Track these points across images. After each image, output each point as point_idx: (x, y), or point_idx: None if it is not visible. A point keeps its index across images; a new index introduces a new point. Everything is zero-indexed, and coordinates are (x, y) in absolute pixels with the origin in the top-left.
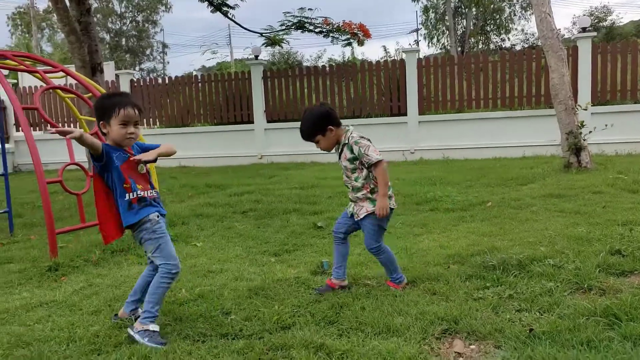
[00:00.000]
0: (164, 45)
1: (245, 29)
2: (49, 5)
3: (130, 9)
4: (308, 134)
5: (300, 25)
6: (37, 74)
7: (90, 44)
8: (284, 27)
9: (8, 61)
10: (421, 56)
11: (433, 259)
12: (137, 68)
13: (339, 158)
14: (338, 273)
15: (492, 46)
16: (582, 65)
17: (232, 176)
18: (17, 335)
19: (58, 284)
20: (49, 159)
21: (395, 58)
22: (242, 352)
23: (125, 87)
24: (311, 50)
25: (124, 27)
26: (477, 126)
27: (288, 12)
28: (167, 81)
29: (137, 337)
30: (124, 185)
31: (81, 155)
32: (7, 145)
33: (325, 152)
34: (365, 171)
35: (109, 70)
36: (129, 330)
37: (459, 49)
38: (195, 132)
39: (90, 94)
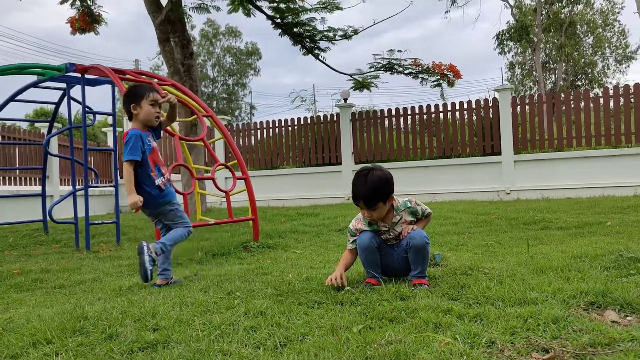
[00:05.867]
0: (252, 107)
1: (335, 70)
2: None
3: (222, 73)
4: (372, 199)
5: (390, 67)
6: (151, 85)
7: (191, 84)
8: (373, 69)
9: (128, 76)
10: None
11: (556, 259)
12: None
13: (386, 230)
14: None
15: None
16: None
17: (322, 210)
18: (131, 302)
19: None
20: None
21: (487, 97)
22: (364, 313)
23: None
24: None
25: (216, 90)
26: (580, 165)
27: (377, 54)
28: (258, 125)
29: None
30: (151, 172)
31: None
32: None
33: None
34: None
35: None
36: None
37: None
38: (284, 174)
39: (198, 110)
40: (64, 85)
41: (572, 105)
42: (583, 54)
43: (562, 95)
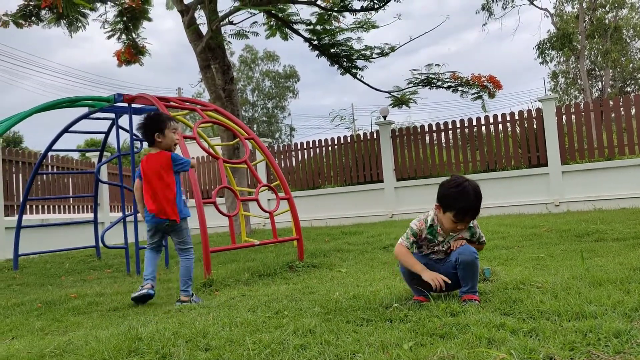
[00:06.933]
0: (292, 129)
1: (374, 88)
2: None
3: (261, 97)
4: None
5: (428, 82)
6: (195, 111)
7: (232, 109)
8: (411, 85)
9: (172, 103)
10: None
11: (614, 271)
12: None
13: (442, 240)
14: None
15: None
16: None
17: (366, 228)
18: (182, 323)
19: (213, 296)
20: None
21: (530, 108)
22: (414, 330)
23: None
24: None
25: (256, 114)
26: (634, 173)
27: (415, 70)
28: (299, 146)
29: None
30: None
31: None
32: None
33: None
34: None
35: None
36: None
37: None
38: (326, 193)
39: (241, 133)
40: (112, 115)
41: (623, 112)
42: (631, 59)
43: (611, 102)
